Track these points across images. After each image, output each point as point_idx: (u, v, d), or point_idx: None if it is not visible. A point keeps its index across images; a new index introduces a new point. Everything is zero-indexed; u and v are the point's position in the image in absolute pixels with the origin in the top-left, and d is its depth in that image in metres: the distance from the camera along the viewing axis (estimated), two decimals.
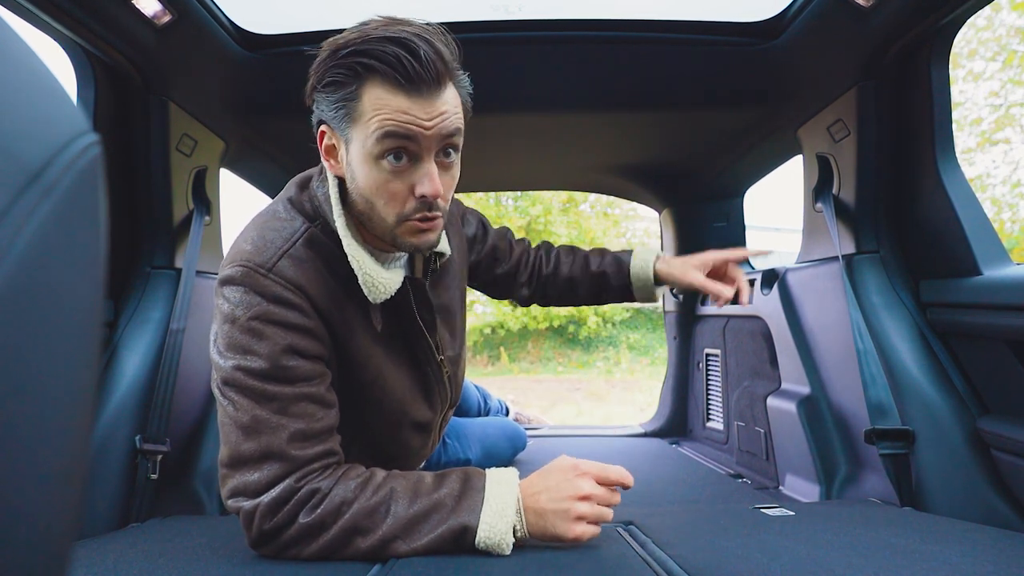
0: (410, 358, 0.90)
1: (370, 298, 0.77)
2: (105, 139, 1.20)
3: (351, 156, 0.74)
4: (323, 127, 0.76)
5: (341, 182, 0.79)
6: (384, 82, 0.68)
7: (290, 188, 0.85)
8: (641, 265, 1.17)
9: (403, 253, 0.87)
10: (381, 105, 0.69)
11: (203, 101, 1.37)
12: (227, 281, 0.73)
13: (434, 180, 0.72)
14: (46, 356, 0.22)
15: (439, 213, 0.77)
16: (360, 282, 0.76)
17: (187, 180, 1.37)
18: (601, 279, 1.20)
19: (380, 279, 0.77)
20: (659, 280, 1.17)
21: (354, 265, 0.75)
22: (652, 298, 1.19)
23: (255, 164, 1.79)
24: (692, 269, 1.12)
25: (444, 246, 0.91)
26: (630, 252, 1.21)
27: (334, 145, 0.76)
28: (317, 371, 0.75)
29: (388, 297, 0.79)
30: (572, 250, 1.26)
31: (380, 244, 0.83)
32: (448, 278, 1.00)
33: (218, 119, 1.45)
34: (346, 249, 0.75)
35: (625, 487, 0.76)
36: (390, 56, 0.67)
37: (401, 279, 0.80)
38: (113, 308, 1.21)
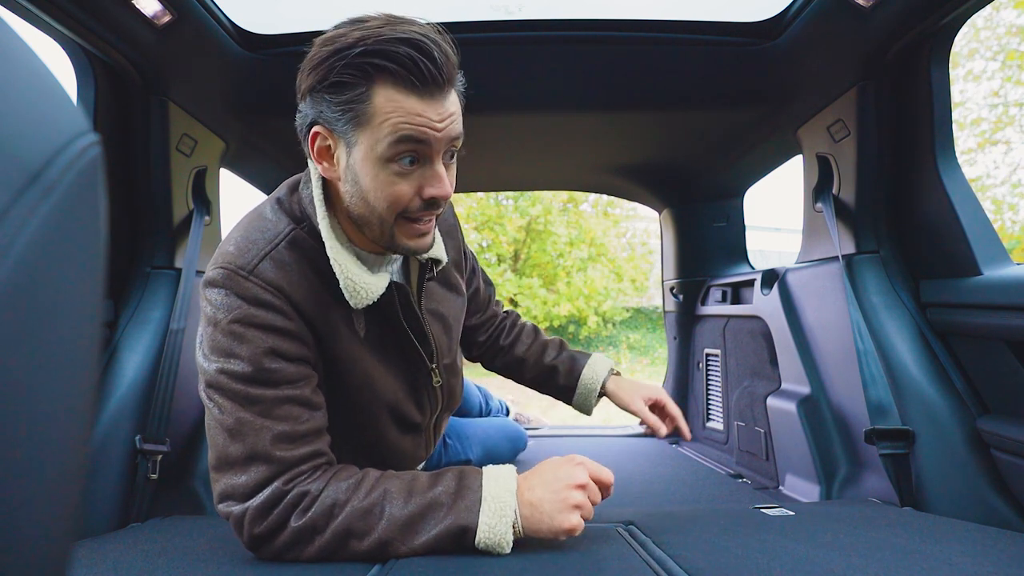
0: (400, 362, 0.89)
1: (351, 303, 0.76)
2: (105, 139, 1.20)
3: (353, 159, 0.71)
4: (318, 128, 0.72)
5: (327, 184, 0.78)
6: (397, 84, 0.67)
7: (281, 189, 0.83)
8: (592, 376, 1.16)
9: (397, 258, 0.86)
10: (395, 108, 0.67)
11: (203, 101, 1.37)
12: (209, 283, 0.73)
13: (443, 182, 0.72)
14: (46, 356, 0.22)
15: (438, 213, 0.77)
16: (341, 286, 0.75)
17: (187, 180, 1.37)
18: (550, 373, 1.19)
19: (362, 284, 0.75)
20: (604, 395, 1.17)
21: (336, 269, 0.74)
22: (586, 410, 1.17)
23: (255, 164, 1.79)
24: (639, 399, 1.10)
25: (440, 252, 0.89)
26: (588, 356, 1.19)
27: (329, 147, 0.73)
28: (301, 373, 0.74)
29: (371, 303, 0.77)
30: (535, 332, 1.25)
31: (373, 248, 0.81)
32: (447, 286, 0.99)
33: (218, 119, 1.45)
34: (328, 252, 0.74)
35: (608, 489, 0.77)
36: (404, 57, 0.65)
37: (385, 284, 0.79)
38: (113, 308, 1.21)
